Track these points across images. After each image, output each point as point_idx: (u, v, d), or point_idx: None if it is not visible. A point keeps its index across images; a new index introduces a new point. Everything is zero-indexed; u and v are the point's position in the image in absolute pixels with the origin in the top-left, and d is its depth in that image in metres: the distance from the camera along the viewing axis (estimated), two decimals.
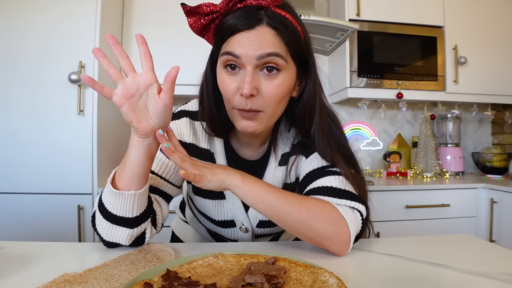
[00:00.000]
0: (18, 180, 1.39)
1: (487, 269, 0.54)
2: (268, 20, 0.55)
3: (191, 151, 0.70)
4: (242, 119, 0.59)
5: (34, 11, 1.40)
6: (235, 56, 0.55)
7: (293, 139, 0.72)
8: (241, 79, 0.56)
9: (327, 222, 0.56)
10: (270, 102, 0.57)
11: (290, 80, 0.59)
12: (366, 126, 2.23)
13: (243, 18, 0.54)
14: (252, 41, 0.54)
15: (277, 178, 0.72)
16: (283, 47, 0.56)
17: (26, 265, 0.55)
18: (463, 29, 1.94)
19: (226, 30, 0.56)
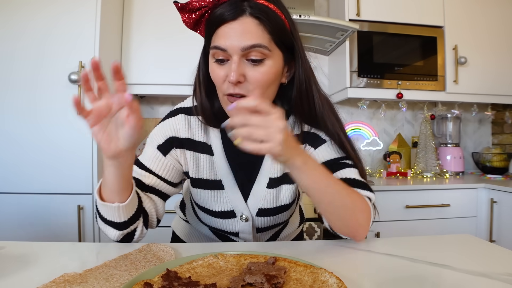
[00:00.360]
0: (18, 180, 1.39)
1: (487, 269, 0.54)
2: (251, 11, 0.58)
3: (187, 145, 0.72)
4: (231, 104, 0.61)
5: (33, 10, 1.40)
6: (222, 49, 0.58)
7: (293, 127, 0.73)
8: (229, 67, 0.59)
9: (365, 212, 0.64)
10: (257, 87, 0.60)
11: (276, 67, 0.62)
12: (366, 126, 2.23)
13: (227, 10, 0.58)
14: (236, 32, 0.57)
15: (277, 167, 0.73)
16: (266, 36, 0.59)
17: (26, 265, 0.55)
18: (463, 29, 1.94)
19: (213, 22, 0.60)
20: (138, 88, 1.75)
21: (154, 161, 0.71)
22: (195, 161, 0.73)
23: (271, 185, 0.73)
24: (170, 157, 0.72)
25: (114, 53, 1.63)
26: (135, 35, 1.71)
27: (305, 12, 1.85)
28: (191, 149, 0.73)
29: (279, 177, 0.74)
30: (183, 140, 0.72)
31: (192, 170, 0.73)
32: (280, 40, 0.61)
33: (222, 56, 0.59)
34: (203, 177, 0.73)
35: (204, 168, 0.73)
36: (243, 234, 0.78)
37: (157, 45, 1.71)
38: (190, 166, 0.73)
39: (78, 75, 1.36)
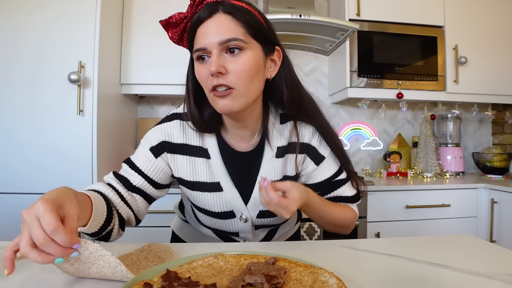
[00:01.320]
0: (18, 180, 1.38)
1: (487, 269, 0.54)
2: (223, 8, 0.62)
3: (181, 150, 0.74)
4: (218, 99, 0.63)
5: (33, 10, 1.39)
6: (202, 49, 0.62)
7: (290, 134, 0.75)
8: (210, 62, 0.62)
9: (352, 220, 0.79)
10: (240, 78, 0.62)
11: (256, 57, 0.64)
12: (366, 126, 2.23)
13: (202, 11, 0.62)
14: (212, 28, 0.61)
15: (276, 170, 0.74)
16: (240, 29, 0.62)
17: (26, 265, 0.55)
18: (463, 29, 1.94)
19: (191, 27, 0.64)
20: (138, 88, 1.75)
21: (145, 162, 0.73)
22: (191, 165, 0.74)
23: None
24: (161, 159, 0.74)
25: (114, 53, 1.63)
26: (135, 35, 1.71)
27: (305, 12, 1.85)
28: (187, 154, 0.74)
29: (281, 179, 0.75)
30: (177, 146, 0.74)
31: (189, 174, 0.74)
32: (255, 32, 0.63)
33: (203, 54, 0.62)
34: (200, 180, 0.74)
35: (201, 171, 0.74)
36: (243, 234, 0.79)
37: (157, 45, 1.71)
38: (185, 170, 0.74)
39: (78, 75, 1.36)
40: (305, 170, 0.77)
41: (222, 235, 0.82)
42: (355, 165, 2.21)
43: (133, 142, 1.98)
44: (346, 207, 0.78)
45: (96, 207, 0.59)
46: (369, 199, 1.59)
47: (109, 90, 1.57)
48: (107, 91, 1.54)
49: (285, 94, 0.70)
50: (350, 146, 2.21)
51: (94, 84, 1.42)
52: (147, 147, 0.74)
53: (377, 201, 1.60)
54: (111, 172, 0.74)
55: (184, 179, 0.75)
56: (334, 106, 2.21)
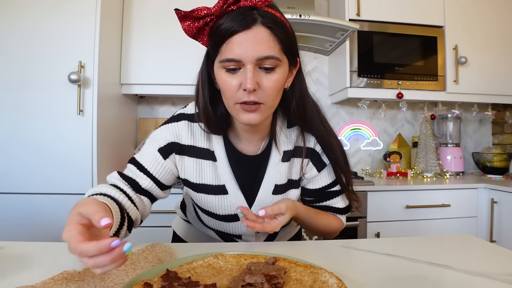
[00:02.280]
0: (18, 180, 1.38)
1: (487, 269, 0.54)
2: (263, 20, 0.58)
3: (189, 152, 0.72)
4: (244, 112, 0.62)
5: (32, 10, 1.39)
6: (236, 61, 0.59)
7: (296, 139, 0.75)
8: (242, 76, 0.60)
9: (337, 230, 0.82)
10: (270, 94, 0.62)
11: (284, 74, 0.64)
12: (366, 126, 2.23)
13: (239, 19, 0.57)
14: (250, 41, 0.58)
15: (281, 174, 0.74)
16: (277, 45, 0.60)
17: (26, 265, 0.55)
18: (463, 29, 1.94)
19: (224, 32, 0.58)
20: (138, 88, 1.75)
21: (153, 163, 0.71)
22: (197, 167, 0.73)
23: (276, 192, 0.74)
24: (170, 161, 0.72)
25: (114, 53, 1.63)
26: (135, 35, 1.71)
27: (305, 12, 1.85)
28: (194, 156, 0.72)
29: (285, 183, 0.75)
30: (185, 147, 0.72)
31: (195, 176, 0.73)
32: (288, 47, 0.62)
33: (234, 65, 0.60)
34: (206, 182, 0.73)
35: (207, 174, 0.73)
36: (245, 237, 0.79)
37: (157, 45, 1.71)
38: (191, 172, 0.73)
39: (78, 75, 1.36)
40: (307, 174, 0.78)
41: (225, 237, 0.82)
42: (355, 165, 2.22)
43: (133, 142, 1.98)
44: (332, 217, 0.80)
45: (116, 215, 0.58)
46: (369, 199, 1.59)
47: (109, 90, 1.57)
48: (107, 91, 1.54)
49: (292, 104, 0.70)
50: (350, 146, 2.21)
51: (94, 84, 1.42)
52: (155, 147, 0.72)
53: (377, 201, 1.60)
54: (115, 173, 0.71)
55: (190, 181, 0.74)
56: (334, 106, 2.21)
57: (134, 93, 1.80)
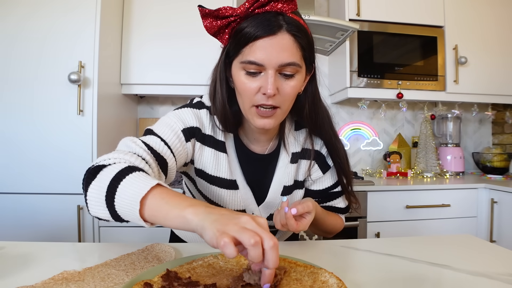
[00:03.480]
0: (18, 180, 1.38)
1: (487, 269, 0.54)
2: (288, 27, 0.59)
3: (209, 142, 0.71)
4: (259, 117, 0.64)
5: (33, 10, 1.39)
6: (258, 64, 0.59)
7: (304, 141, 0.78)
8: (263, 80, 0.60)
9: (339, 229, 0.83)
10: (287, 99, 0.64)
11: (302, 80, 0.65)
12: (366, 126, 2.23)
13: (265, 24, 0.58)
14: (274, 47, 0.58)
15: (289, 175, 0.76)
16: (299, 52, 0.61)
17: (26, 265, 0.55)
18: (463, 29, 1.94)
19: (249, 35, 0.59)
20: (138, 88, 1.75)
21: (176, 142, 0.66)
22: (215, 159, 0.72)
23: (285, 193, 0.76)
24: (190, 144, 0.69)
25: (114, 53, 1.63)
26: (135, 35, 1.71)
27: (305, 12, 1.85)
28: (213, 147, 0.72)
29: (292, 184, 0.77)
30: (206, 136, 0.71)
31: (212, 167, 0.72)
32: (308, 55, 0.64)
33: (254, 69, 0.60)
34: (221, 175, 0.73)
35: (223, 167, 0.73)
36: None
37: (157, 45, 1.71)
38: (209, 163, 0.72)
39: (78, 75, 1.36)
40: (312, 176, 0.80)
41: None
42: (355, 165, 2.22)
43: None
44: (338, 218, 0.83)
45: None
46: (369, 199, 1.59)
47: (109, 90, 1.57)
48: (107, 91, 1.54)
49: (306, 108, 0.71)
50: (350, 146, 2.21)
51: (94, 84, 1.42)
52: (179, 127, 0.67)
53: (377, 201, 1.60)
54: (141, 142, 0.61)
55: (206, 172, 0.72)
56: (334, 106, 2.21)
57: (134, 93, 1.79)
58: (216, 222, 0.40)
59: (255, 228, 0.39)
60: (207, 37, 0.66)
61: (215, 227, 0.39)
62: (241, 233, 0.38)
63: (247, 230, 0.38)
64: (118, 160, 0.54)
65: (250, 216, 0.41)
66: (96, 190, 0.50)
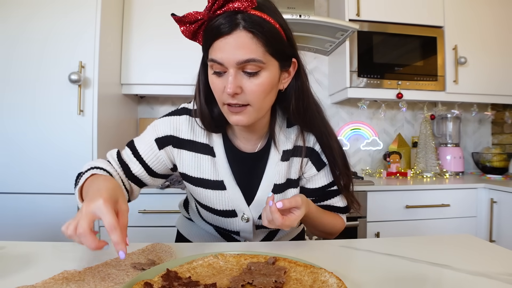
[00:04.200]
0: (19, 180, 1.38)
1: (487, 269, 0.54)
2: (245, 24, 0.58)
3: (188, 146, 0.74)
4: (232, 114, 0.64)
5: (33, 10, 1.39)
6: (218, 62, 0.60)
7: (296, 138, 0.76)
8: (226, 79, 0.61)
9: (340, 229, 0.83)
10: (255, 97, 0.63)
11: (272, 76, 0.63)
12: (366, 126, 2.23)
13: (222, 24, 0.58)
14: (231, 46, 0.59)
15: (280, 173, 0.75)
16: (260, 49, 0.60)
17: (26, 265, 0.55)
18: (463, 29, 1.94)
19: (209, 36, 0.61)
20: (138, 88, 1.75)
21: (148, 151, 0.74)
22: (196, 162, 0.75)
23: (275, 191, 0.75)
24: (164, 152, 0.75)
25: (114, 53, 1.63)
26: (135, 35, 1.71)
27: (305, 12, 1.85)
28: (192, 150, 0.74)
29: (284, 183, 0.76)
30: (184, 141, 0.74)
31: (193, 170, 0.75)
32: (275, 50, 0.62)
33: (219, 69, 0.61)
34: (205, 177, 0.74)
35: (206, 169, 0.74)
36: (243, 233, 0.79)
37: (157, 45, 1.71)
38: (190, 166, 0.75)
39: (78, 75, 1.36)
40: (306, 174, 0.78)
41: (223, 233, 0.83)
42: (355, 165, 2.22)
43: None
44: (337, 217, 0.81)
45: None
46: (369, 199, 1.59)
47: (109, 90, 1.57)
48: (107, 91, 1.54)
49: (292, 104, 0.70)
50: (350, 146, 2.21)
51: (94, 84, 1.42)
52: (153, 137, 0.75)
53: (377, 201, 1.60)
54: (115, 152, 0.76)
55: (188, 174, 0.75)
56: (334, 106, 2.21)
57: (134, 93, 1.80)
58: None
59: (78, 217, 0.48)
60: None
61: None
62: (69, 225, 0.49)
63: (73, 222, 0.49)
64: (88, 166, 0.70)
65: (85, 205, 0.50)
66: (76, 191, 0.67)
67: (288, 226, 0.62)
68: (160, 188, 1.45)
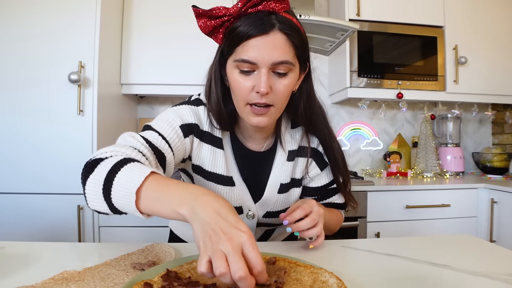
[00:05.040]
0: (18, 180, 1.38)
1: (487, 269, 0.54)
2: (280, 26, 0.60)
3: (207, 138, 0.73)
4: (254, 115, 0.65)
5: (33, 10, 1.39)
6: (251, 63, 0.60)
7: (300, 139, 0.78)
8: (256, 78, 0.61)
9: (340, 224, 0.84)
10: (281, 98, 0.64)
11: (295, 78, 0.66)
12: (366, 126, 2.23)
13: (257, 24, 0.58)
14: (267, 46, 0.59)
15: (286, 173, 0.77)
16: (292, 51, 0.62)
17: (26, 265, 0.55)
18: (463, 29, 1.94)
19: (242, 35, 0.60)
20: (138, 88, 1.75)
21: (175, 137, 0.67)
22: (213, 156, 0.73)
23: (282, 191, 0.76)
24: (188, 140, 0.70)
25: (114, 53, 1.63)
26: (135, 35, 1.71)
27: (305, 12, 1.85)
28: (210, 143, 0.73)
29: (289, 182, 0.77)
30: (204, 133, 0.72)
31: (209, 163, 0.73)
32: (302, 53, 0.64)
33: (248, 68, 0.61)
34: (218, 172, 0.74)
35: (219, 163, 0.74)
36: None
37: (157, 45, 1.71)
38: (207, 159, 0.73)
39: (78, 75, 1.36)
40: (310, 173, 0.80)
41: None
42: (355, 165, 2.22)
43: None
44: (339, 214, 0.83)
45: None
46: (369, 199, 1.59)
47: (109, 90, 1.57)
48: (107, 91, 1.54)
49: (300, 106, 0.71)
50: (350, 146, 2.21)
51: (94, 84, 1.42)
52: (178, 123, 0.68)
53: (377, 201, 1.60)
54: (140, 137, 0.63)
55: (203, 168, 0.73)
56: (334, 106, 2.21)
57: (134, 93, 1.79)
58: (202, 229, 0.42)
59: (229, 252, 0.38)
60: (207, 37, 0.66)
61: (200, 238, 0.41)
62: (214, 259, 0.38)
63: (219, 255, 0.38)
64: (114, 153, 0.56)
65: (231, 232, 0.40)
66: (94, 183, 0.51)
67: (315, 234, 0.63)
68: None
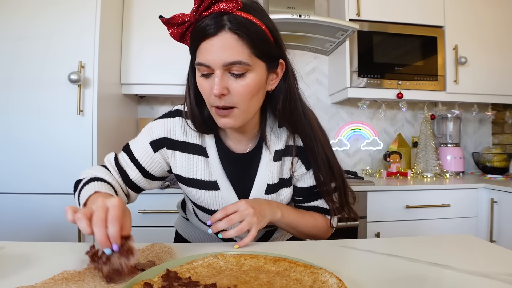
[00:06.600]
0: (18, 180, 1.38)
1: (487, 269, 0.54)
2: (230, 26, 0.58)
3: (181, 147, 0.75)
4: (219, 117, 0.65)
5: (33, 11, 1.39)
6: (205, 65, 0.60)
7: (287, 138, 0.76)
8: (213, 81, 0.61)
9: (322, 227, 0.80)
10: (241, 99, 0.63)
11: (258, 78, 0.63)
12: (366, 126, 2.23)
13: (208, 25, 0.58)
14: (217, 48, 0.59)
15: (273, 173, 0.75)
16: (245, 51, 0.60)
17: (26, 265, 0.55)
18: (463, 29, 1.94)
19: (195, 38, 0.61)
20: (138, 88, 1.75)
21: (143, 154, 0.75)
22: (189, 163, 0.75)
23: (269, 191, 0.75)
24: (159, 154, 0.75)
25: (114, 53, 1.63)
26: (135, 35, 1.71)
27: (305, 12, 1.85)
28: (185, 151, 0.75)
29: (277, 182, 0.76)
30: (177, 143, 0.75)
31: (186, 171, 0.75)
32: (261, 51, 0.62)
33: (206, 71, 0.61)
34: (198, 177, 0.75)
35: (199, 169, 0.75)
36: None
37: (157, 45, 1.71)
38: (183, 167, 0.75)
39: (78, 75, 1.36)
40: (296, 172, 0.78)
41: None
42: (355, 165, 2.22)
43: None
44: (319, 218, 0.79)
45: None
46: (369, 199, 1.59)
47: (109, 90, 1.57)
48: (107, 91, 1.54)
49: (278, 105, 0.70)
50: (350, 146, 2.21)
51: (94, 84, 1.42)
52: (148, 140, 0.75)
53: (377, 201, 1.60)
54: (113, 157, 0.76)
55: (181, 175, 0.76)
56: (334, 106, 2.21)
57: (134, 93, 1.80)
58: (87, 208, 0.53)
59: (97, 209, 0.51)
60: None
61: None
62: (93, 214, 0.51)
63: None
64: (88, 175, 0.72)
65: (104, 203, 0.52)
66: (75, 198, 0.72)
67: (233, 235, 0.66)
68: (160, 188, 1.45)
